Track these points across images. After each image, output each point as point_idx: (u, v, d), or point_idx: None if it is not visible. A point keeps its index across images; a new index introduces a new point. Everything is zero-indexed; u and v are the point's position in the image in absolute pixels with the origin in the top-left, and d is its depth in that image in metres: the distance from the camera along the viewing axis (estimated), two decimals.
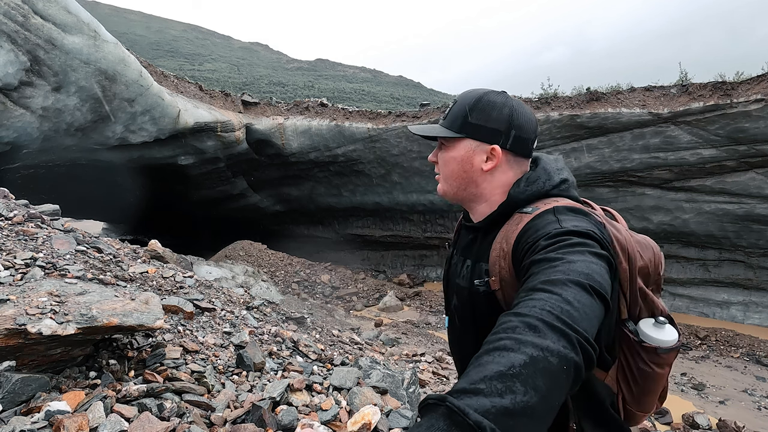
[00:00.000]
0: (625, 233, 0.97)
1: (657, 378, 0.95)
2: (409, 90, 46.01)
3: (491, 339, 0.63)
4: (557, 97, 12.61)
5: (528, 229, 0.90)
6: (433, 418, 0.53)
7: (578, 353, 0.61)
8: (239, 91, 19.35)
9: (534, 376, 0.56)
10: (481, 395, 0.53)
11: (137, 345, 2.51)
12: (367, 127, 14.72)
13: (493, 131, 1.01)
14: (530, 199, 0.99)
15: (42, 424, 1.59)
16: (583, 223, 0.87)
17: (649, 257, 1.00)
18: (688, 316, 13.31)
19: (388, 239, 18.31)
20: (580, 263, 0.75)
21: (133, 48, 13.30)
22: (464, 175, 1.05)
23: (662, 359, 0.93)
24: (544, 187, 1.00)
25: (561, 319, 0.63)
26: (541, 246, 0.82)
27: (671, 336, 0.93)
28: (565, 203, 0.95)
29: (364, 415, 2.29)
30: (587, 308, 0.68)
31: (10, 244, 3.03)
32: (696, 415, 7.37)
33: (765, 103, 9.79)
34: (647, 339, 0.92)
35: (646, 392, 0.96)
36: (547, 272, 0.74)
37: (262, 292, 12.19)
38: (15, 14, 7.93)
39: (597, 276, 0.74)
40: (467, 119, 1.03)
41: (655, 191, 12.55)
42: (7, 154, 9.15)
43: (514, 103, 1.03)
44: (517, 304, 0.70)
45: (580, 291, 0.70)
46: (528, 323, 0.63)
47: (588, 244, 0.81)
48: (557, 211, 0.91)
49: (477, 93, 1.05)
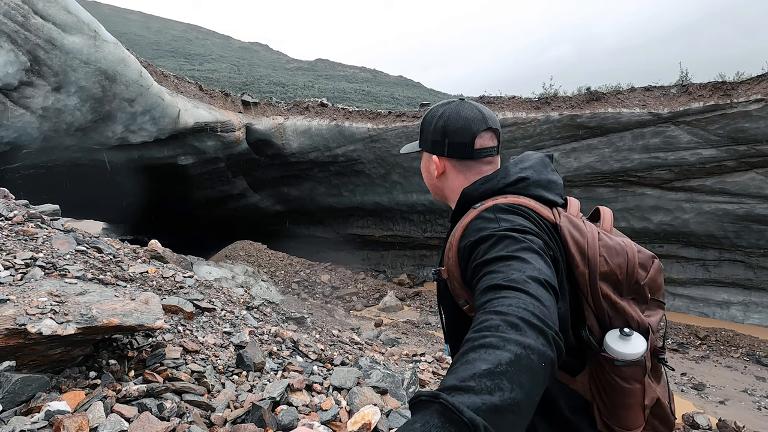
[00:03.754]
0: (591, 236, 0.95)
1: (626, 392, 0.89)
2: (409, 90, 46.00)
3: (475, 336, 0.65)
4: (557, 97, 12.61)
5: (469, 225, 0.95)
6: (427, 415, 0.53)
7: (553, 349, 0.64)
8: (239, 91, 19.34)
9: (519, 373, 0.58)
10: (472, 393, 0.54)
11: (137, 345, 2.50)
12: (367, 127, 14.72)
13: (434, 142, 1.13)
14: (482, 197, 1.04)
15: (42, 424, 1.59)
16: (519, 220, 0.91)
17: (618, 263, 0.94)
18: (688, 316, 13.31)
19: (388, 239, 18.31)
20: (529, 260, 0.79)
21: (133, 48, 13.29)
22: (430, 183, 1.20)
23: (623, 372, 0.88)
24: (497, 185, 1.05)
25: (537, 317, 0.66)
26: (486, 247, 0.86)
27: (632, 350, 0.87)
28: (508, 200, 0.98)
29: (364, 415, 2.29)
30: (550, 302, 0.72)
31: (10, 244, 3.03)
32: (696, 415, 7.37)
33: (765, 103, 9.79)
34: (607, 349, 0.89)
35: (619, 406, 0.91)
36: (504, 270, 0.78)
37: (262, 292, 12.19)
38: (15, 14, 7.93)
39: (546, 269, 0.79)
40: (421, 135, 1.17)
41: (655, 191, 12.55)
42: (7, 154, 9.15)
43: (451, 112, 1.10)
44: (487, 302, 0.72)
45: (539, 287, 0.73)
46: (509, 321, 0.65)
47: (524, 240, 0.84)
48: (497, 210, 0.95)
49: (428, 110, 1.17)
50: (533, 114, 12.46)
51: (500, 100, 13.19)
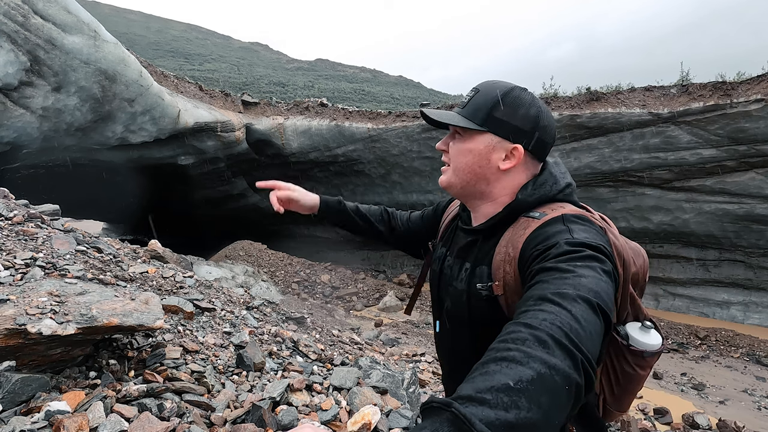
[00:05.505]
0: (621, 239, 0.98)
1: (638, 379, 0.98)
2: (409, 90, 46.01)
3: (499, 347, 0.62)
4: (557, 97, 12.61)
5: (537, 235, 0.88)
6: (437, 422, 0.52)
7: (581, 374, 0.60)
8: (239, 91, 19.34)
9: (539, 393, 0.55)
10: (487, 406, 0.52)
11: (137, 345, 2.50)
12: (367, 127, 14.72)
13: (518, 130, 0.97)
14: (537, 203, 0.97)
15: (42, 424, 1.59)
16: (592, 235, 0.86)
17: (640, 264, 1.01)
18: (688, 316, 13.31)
19: None
20: (590, 279, 0.74)
21: (133, 48, 13.29)
22: (478, 171, 1.00)
23: (646, 362, 0.95)
24: (551, 191, 0.98)
25: (569, 337, 0.62)
26: (552, 255, 0.80)
27: (656, 340, 0.95)
28: (573, 211, 0.93)
29: (364, 415, 2.29)
30: (593, 327, 0.67)
31: (10, 244, 3.03)
32: (696, 415, 7.37)
33: (765, 103, 9.79)
34: (635, 343, 0.94)
35: (627, 393, 1.00)
36: (557, 283, 0.73)
37: (262, 292, 12.20)
38: (15, 14, 7.93)
39: (604, 295, 0.73)
40: (492, 113, 0.97)
41: (655, 191, 12.55)
42: (7, 154, 9.15)
43: (541, 104, 1.00)
44: (524, 312, 0.69)
45: (588, 309, 0.69)
46: (538, 337, 0.62)
47: (599, 259, 0.79)
48: (566, 220, 0.89)
49: (504, 86, 0.99)
50: None
51: None
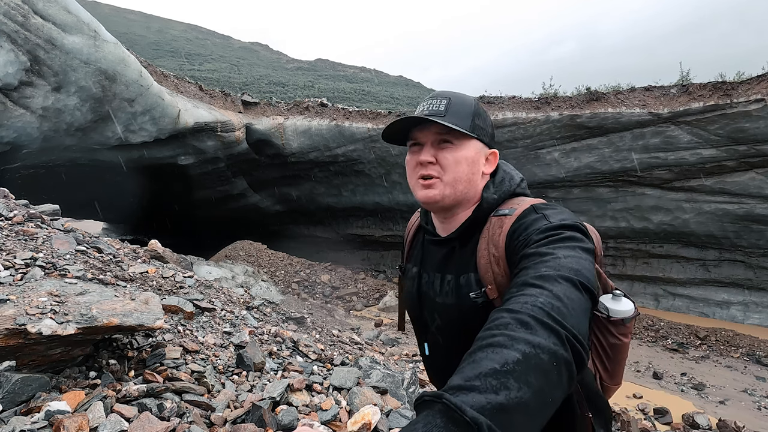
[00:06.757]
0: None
1: (625, 348, 1.03)
2: (409, 90, 45.96)
3: (484, 335, 0.64)
4: (557, 97, 12.61)
5: (516, 228, 0.90)
6: (430, 415, 0.53)
7: (567, 350, 0.62)
8: (239, 91, 19.35)
9: (526, 372, 0.56)
10: (476, 392, 0.54)
11: (137, 345, 2.50)
12: (367, 127, 14.72)
13: (490, 135, 1.04)
14: (501, 201, 1.00)
15: (42, 424, 1.59)
16: (567, 215, 0.88)
17: (599, 242, 1.06)
18: (688, 316, 13.31)
19: (388, 239, 18.31)
20: (570, 258, 0.76)
21: (133, 48, 13.29)
22: (472, 178, 1.00)
23: (627, 329, 1.01)
24: (510, 187, 1.02)
25: (551, 316, 0.64)
26: (533, 241, 0.83)
27: (630, 305, 1.00)
28: (537, 201, 0.97)
29: (364, 415, 2.29)
30: (576, 304, 0.69)
31: (10, 244, 3.03)
32: (696, 415, 7.38)
33: (765, 103, 9.79)
34: (614, 313, 0.99)
35: (618, 364, 1.05)
36: (537, 267, 0.75)
37: (262, 292, 12.20)
38: (15, 14, 7.93)
39: (585, 272, 0.75)
40: (474, 120, 0.98)
41: (655, 191, 12.55)
42: (7, 154, 9.15)
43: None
44: (507, 299, 0.71)
45: (570, 287, 0.70)
46: (520, 320, 0.63)
47: (577, 238, 0.82)
48: (537, 208, 0.92)
49: (469, 96, 1.04)
50: (533, 114, 12.46)
51: (500, 100, 13.18)
